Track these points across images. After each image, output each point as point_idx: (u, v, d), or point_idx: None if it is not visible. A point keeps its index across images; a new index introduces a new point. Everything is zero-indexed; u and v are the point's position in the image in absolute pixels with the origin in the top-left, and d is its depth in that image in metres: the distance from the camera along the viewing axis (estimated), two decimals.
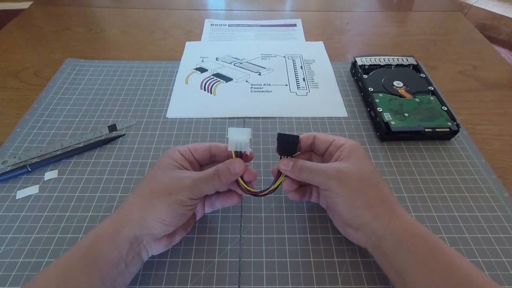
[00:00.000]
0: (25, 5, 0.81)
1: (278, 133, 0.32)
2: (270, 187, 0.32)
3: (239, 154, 0.32)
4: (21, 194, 0.38)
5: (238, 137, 0.31)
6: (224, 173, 0.30)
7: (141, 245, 0.29)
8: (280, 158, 0.33)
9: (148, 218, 0.28)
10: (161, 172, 0.30)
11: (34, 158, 0.42)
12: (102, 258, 0.27)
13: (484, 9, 1.64)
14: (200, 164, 0.34)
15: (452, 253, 0.27)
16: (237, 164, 0.31)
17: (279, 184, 0.33)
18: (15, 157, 0.42)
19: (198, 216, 0.34)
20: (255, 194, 0.32)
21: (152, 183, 0.29)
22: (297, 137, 0.32)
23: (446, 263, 0.26)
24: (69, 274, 0.26)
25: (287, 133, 0.32)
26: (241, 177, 0.32)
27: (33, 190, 0.39)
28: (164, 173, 0.30)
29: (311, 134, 0.34)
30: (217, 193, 0.34)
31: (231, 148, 0.31)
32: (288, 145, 0.32)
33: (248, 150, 0.32)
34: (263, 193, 0.32)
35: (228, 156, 0.32)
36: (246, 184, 0.32)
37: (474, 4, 1.67)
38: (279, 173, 0.33)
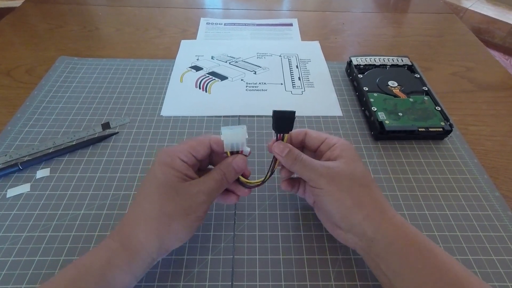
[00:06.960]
0: (18, 3, 0.80)
1: (273, 110, 0.30)
2: (266, 174, 0.32)
3: (235, 153, 0.31)
4: (11, 192, 0.38)
5: (234, 139, 0.30)
6: (229, 173, 0.30)
7: (154, 262, 0.29)
8: (276, 136, 0.32)
9: (166, 241, 0.28)
10: (170, 190, 0.28)
11: (25, 156, 0.42)
12: (117, 285, 0.26)
13: (479, 13, 1.66)
14: (200, 162, 0.33)
15: (442, 255, 0.27)
16: (240, 161, 0.30)
17: (274, 170, 0.32)
18: (6, 155, 0.41)
19: None
20: (257, 185, 0.32)
21: (165, 204, 0.28)
22: (293, 112, 0.30)
23: (437, 265, 0.26)
24: None
25: (282, 109, 0.30)
26: (241, 174, 0.31)
27: (24, 188, 0.38)
28: (175, 192, 0.28)
29: (302, 131, 0.34)
30: None
31: (227, 149, 0.31)
32: (284, 121, 0.30)
33: (246, 149, 0.31)
34: (263, 182, 0.32)
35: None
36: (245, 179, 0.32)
37: (469, 8, 1.69)
38: (274, 159, 0.32)
